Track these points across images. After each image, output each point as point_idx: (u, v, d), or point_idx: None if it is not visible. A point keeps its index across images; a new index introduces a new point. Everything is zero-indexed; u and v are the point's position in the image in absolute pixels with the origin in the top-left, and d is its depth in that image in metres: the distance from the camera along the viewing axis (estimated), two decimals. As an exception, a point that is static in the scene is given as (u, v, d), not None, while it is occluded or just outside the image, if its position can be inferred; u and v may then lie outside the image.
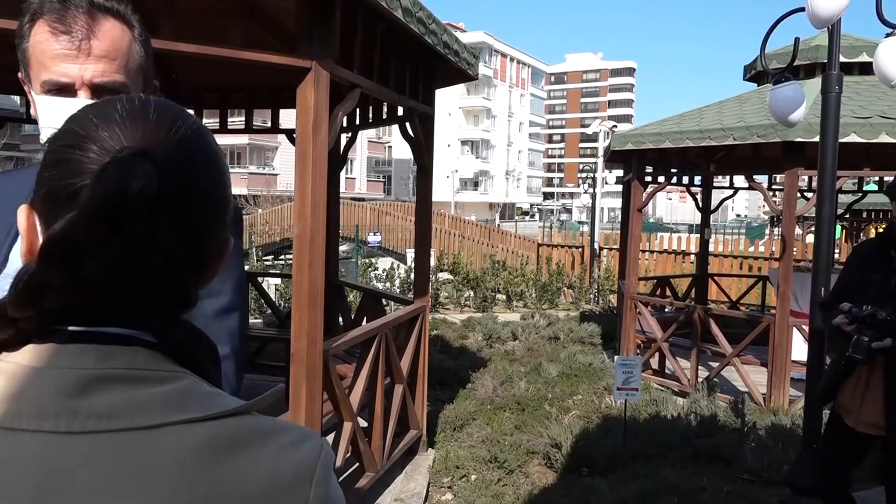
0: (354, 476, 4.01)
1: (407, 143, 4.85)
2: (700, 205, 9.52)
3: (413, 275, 5.37)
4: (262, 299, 8.20)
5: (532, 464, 4.92)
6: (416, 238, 5.14)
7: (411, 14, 3.43)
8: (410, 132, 4.72)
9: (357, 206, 24.15)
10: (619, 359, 5.23)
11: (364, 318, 5.94)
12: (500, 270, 14.00)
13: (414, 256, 5.36)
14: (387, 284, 12.72)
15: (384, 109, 5.34)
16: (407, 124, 4.74)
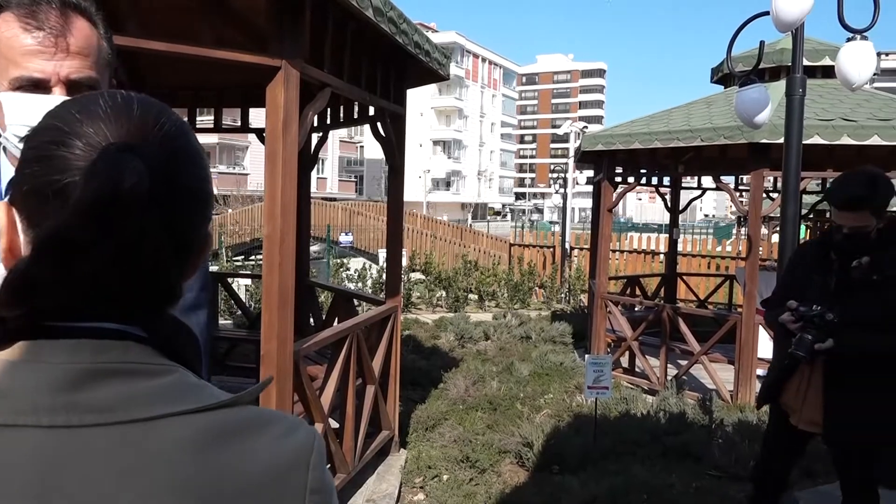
0: (326, 478, 3.98)
1: (378, 143, 4.84)
2: (669, 205, 9.65)
3: (385, 275, 5.36)
4: (233, 300, 8.11)
5: (504, 463, 4.94)
6: (388, 238, 5.13)
7: (382, 13, 3.42)
8: (382, 132, 4.71)
9: (329, 206, 24.02)
10: (590, 358, 5.27)
11: (335, 319, 5.91)
12: (473, 270, 14.03)
13: (386, 256, 5.34)
14: (359, 285, 12.67)
15: (355, 109, 5.31)
16: (378, 124, 4.72)
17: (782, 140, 4.30)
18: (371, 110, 4.83)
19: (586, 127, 28.20)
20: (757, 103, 4.44)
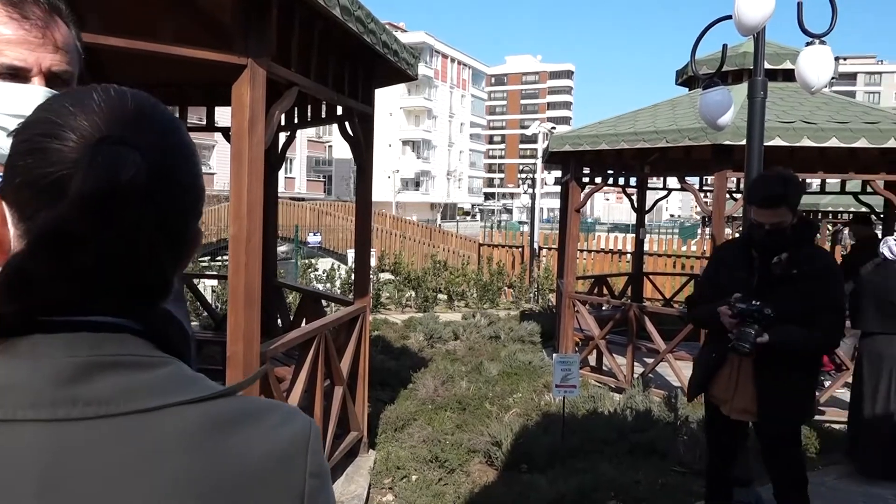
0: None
1: (347, 143, 4.82)
2: (635, 205, 9.77)
3: (353, 275, 5.34)
4: (198, 301, 7.99)
5: (473, 462, 4.95)
6: (357, 238, 5.11)
7: (349, 13, 3.41)
8: (350, 131, 4.69)
9: (297, 206, 23.82)
10: (558, 357, 5.31)
11: (303, 320, 5.87)
12: (442, 270, 14.04)
13: (354, 257, 5.32)
14: (327, 285, 12.59)
15: (323, 108, 5.28)
16: (346, 123, 4.70)
17: (745, 142, 4.38)
18: (339, 110, 4.81)
19: (554, 128, 28.42)
20: (720, 105, 4.51)
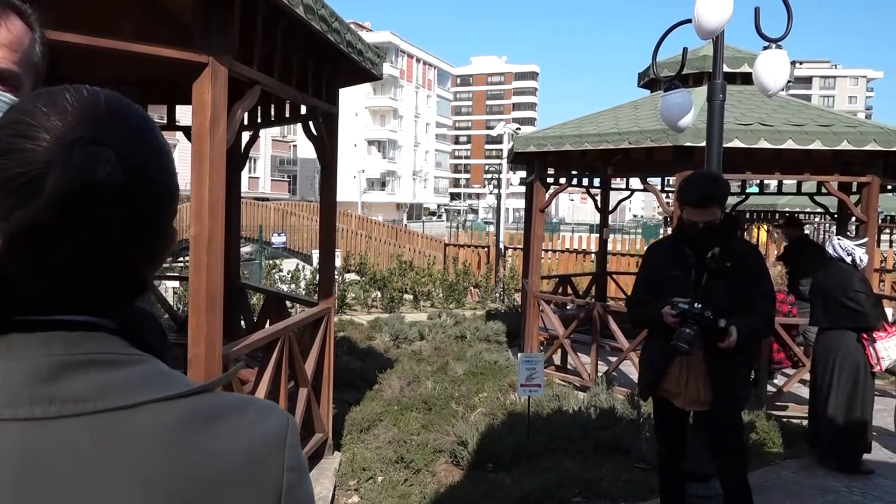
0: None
1: (311, 143, 4.78)
2: (599, 205, 9.88)
3: (318, 276, 5.30)
4: (159, 303, 7.85)
5: (439, 462, 4.95)
6: (321, 239, 5.07)
7: (313, 11, 3.38)
8: (314, 131, 4.66)
9: (261, 206, 23.57)
10: (523, 356, 5.34)
11: (267, 321, 5.80)
12: (408, 270, 14.01)
13: (319, 257, 5.28)
14: (292, 286, 12.47)
15: (287, 107, 5.24)
16: (310, 123, 4.67)
17: (704, 143, 4.47)
18: (303, 109, 4.77)
19: (519, 128, 28.60)
20: (681, 108, 4.59)
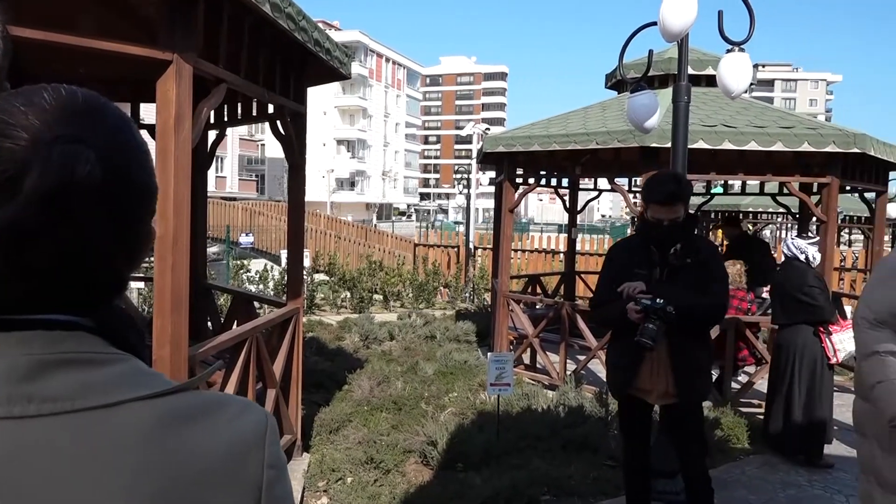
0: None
1: (279, 142, 4.74)
2: (567, 206, 9.96)
3: (286, 276, 5.25)
4: (124, 304, 7.71)
5: (409, 463, 4.95)
6: (289, 239, 5.03)
7: (280, 9, 3.35)
8: (282, 130, 4.62)
9: (228, 206, 23.29)
10: (492, 355, 5.36)
11: (234, 322, 5.74)
12: (377, 271, 13.97)
13: (287, 258, 5.24)
14: (260, 287, 12.35)
15: (254, 106, 5.18)
16: (278, 122, 4.63)
17: (670, 144, 4.53)
18: (270, 108, 4.72)
19: (489, 128, 28.70)
20: (647, 109, 4.65)
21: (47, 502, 0.57)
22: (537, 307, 8.44)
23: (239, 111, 5.41)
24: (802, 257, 5.13)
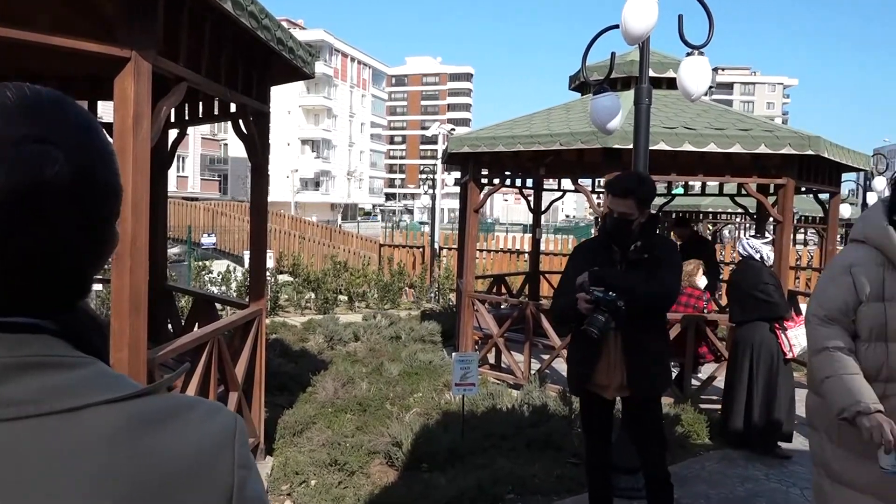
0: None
1: (241, 141, 4.68)
2: (532, 206, 10.03)
3: (249, 278, 5.20)
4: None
5: (373, 464, 4.93)
6: (252, 239, 4.97)
7: (242, 7, 3.31)
8: (244, 129, 4.56)
9: (190, 206, 22.92)
10: (457, 356, 5.37)
11: (196, 325, 5.65)
12: (342, 271, 13.89)
13: (250, 258, 5.18)
14: (222, 288, 12.19)
15: (216, 105, 5.11)
16: (240, 121, 4.57)
17: (632, 145, 4.60)
18: (233, 107, 4.67)
19: (454, 129, 28.76)
20: (609, 111, 4.72)
21: None
22: (502, 307, 8.49)
23: (200, 110, 5.33)
24: (757, 256, 5.30)
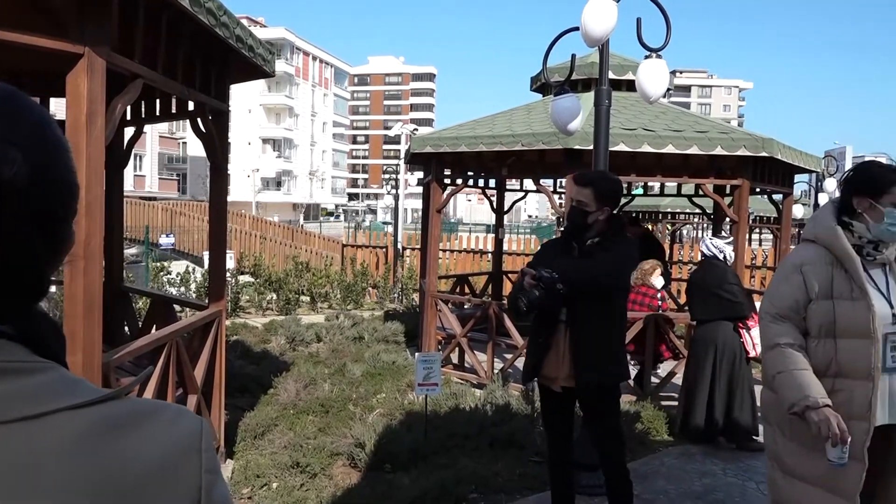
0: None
1: (200, 140, 4.61)
2: (495, 206, 10.08)
3: (208, 278, 5.12)
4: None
5: (336, 465, 4.90)
6: (211, 239, 4.90)
7: (199, 4, 3.26)
8: (203, 128, 4.49)
9: (147, 206, 22.46)
10: (420, 356, 5.37)
11: (154, 327, 5.54)
12: (304, 272, 13.76)
13: (209, 259, 5.10)
14: (181, 289, 11.97)
15: (174, 103, 5.02)
16: (199, 119, 4.50)
17: (593, 146, 4.65)
18: (191, 105, 4.59)
19: (416, 129, 28.72)
20: (569, 112, 4.76)
21: None
22: (465, 307, 8.51)
23: (158, 108, 5.23)
24: (721, 256, 5.38)
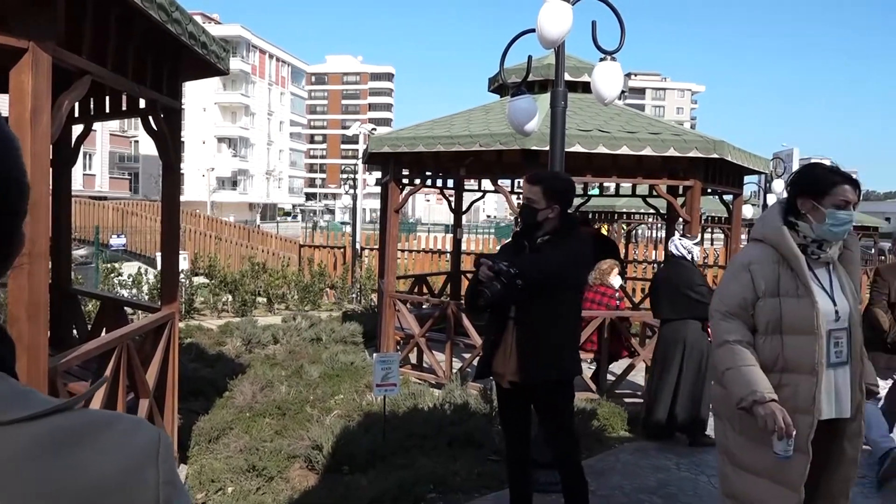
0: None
1: (151, 139, 4.51)
2: (453, 206, 10.10)
3: (161, 280, 5.01)
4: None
5: (293, 468, 4.85)
6: (163, 240, 4.80)
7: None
8: (154, 126, 4.39)
9: (97, 206, 21.85)
10: (378, 356, 5.35)
11: (104, 330, 5.40)
12: (261, 272, 13.58)
13: (161, 260, 4.99)
14: (133, 291, 11.69)
15: (124, 100, 4.90)
16: (150, 117, 4.40)
17: (549, 147, 4.70)
18: (142, 102, 4.49)
19: (375, 129, 28.61)
20: (526, 112, 4.80)
21: None
22: (424, 307, 8.51)
23: (107, 105, 5.09)
24: (690, 257, 5.46)
